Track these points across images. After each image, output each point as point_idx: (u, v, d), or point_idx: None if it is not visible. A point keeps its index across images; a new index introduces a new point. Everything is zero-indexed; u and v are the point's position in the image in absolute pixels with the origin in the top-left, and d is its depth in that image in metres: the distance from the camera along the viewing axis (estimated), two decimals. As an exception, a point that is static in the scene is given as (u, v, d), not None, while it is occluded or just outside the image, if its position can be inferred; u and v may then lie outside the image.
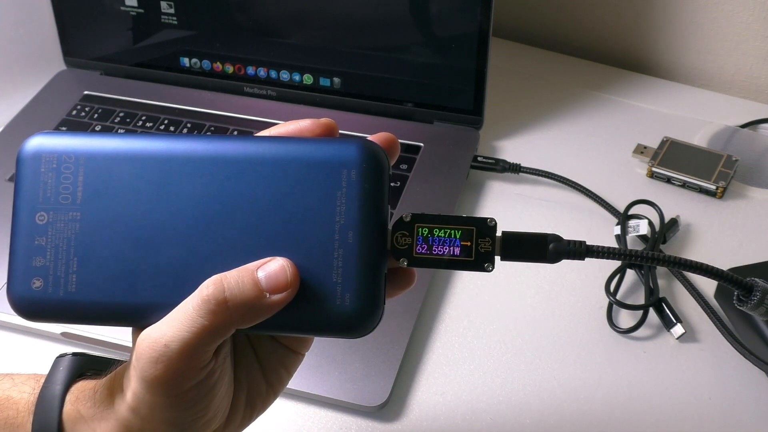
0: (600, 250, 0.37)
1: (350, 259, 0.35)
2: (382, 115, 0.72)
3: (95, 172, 0.36)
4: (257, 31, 0.72)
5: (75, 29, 0.76)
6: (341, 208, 0.35)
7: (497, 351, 0.56)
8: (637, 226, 0.61)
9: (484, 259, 0.36)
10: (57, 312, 0.36)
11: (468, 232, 0.36)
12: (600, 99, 0.77)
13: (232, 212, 0.35)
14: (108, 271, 0.35)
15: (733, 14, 0.76)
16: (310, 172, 0.35)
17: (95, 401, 0.37)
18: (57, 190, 0.36)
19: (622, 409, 0.53)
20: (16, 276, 0.36)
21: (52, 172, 0.36)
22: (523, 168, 0.67)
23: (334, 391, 0.52)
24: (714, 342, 0.56)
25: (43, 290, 0.35)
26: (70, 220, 0.36)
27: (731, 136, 0.72)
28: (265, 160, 0.35)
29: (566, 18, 0.84)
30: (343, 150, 0.35)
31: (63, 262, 0.36)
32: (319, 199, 0.35)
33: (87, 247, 0.35)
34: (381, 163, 0.35)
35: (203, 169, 0.35)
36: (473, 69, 0.68)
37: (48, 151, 0.36)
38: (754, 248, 0.62)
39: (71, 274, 0.35)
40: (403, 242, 0.36)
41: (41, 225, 0.36)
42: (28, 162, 0.36)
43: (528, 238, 0.37)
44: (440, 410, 0.53)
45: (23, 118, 0.73)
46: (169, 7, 0.72)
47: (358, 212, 0.35)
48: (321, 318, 0.35)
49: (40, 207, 0.36)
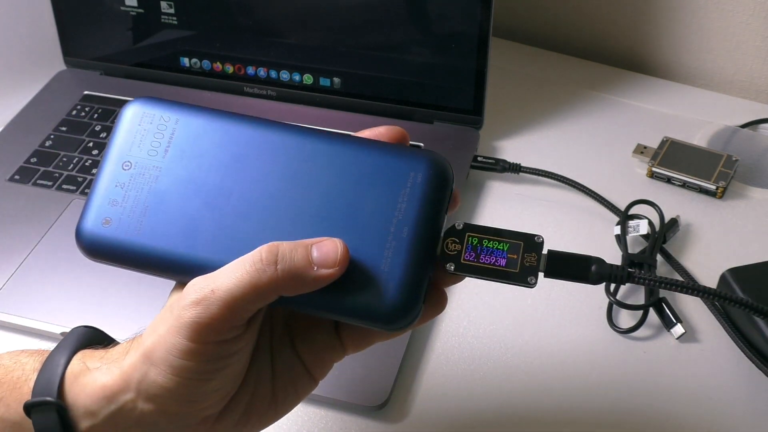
0: (640, 277, 0.39)
1: (401, 252, 0.36)
2: (382, 115, 0.72)
3: (186, 134, 0.39)
4: (257, 31, 0.72)
5: (75, 29, 0.76)
6: (402, 205, 0.37)
7: (497, 351, 0.56)
8: (638, 226, 0.61)
9: (529, 272, 0.38)
10: (118, 252, 0.38)
11: (515, 246, 0.38)
12: (600, 99, 0.77)
13: (301, 193, 0.38)
14: (174, 223, 0.38)
15: (733, 14, 0.76)
16: (380, 168, 0.37)
17: (105, 358, 0.38)
18: (148, 144, 0.39)
19: (622, 409, 0.53)
20: (89, 213, 0.39)
21: (149, 128, 0.39)
22: (523, 168, 0.67)
23: (334, 391, 0.52)
24: (714, 342, 0.56)
25: (110, 229, 0.38)
26: (151, 172, 0.39)
27: (731, 136, 0.72)
28: (341, 151, 0.38)
29: (566, 18, 0.84)
30: (415, 156, 0.38)
31: (135, 207, 0.38)
32: (383, 193, 0.37)
33: (160, 199, 0.38)
34: (446, 175, 0.38)
35: (281, 150, 0.38)
36: (473, 69, 0.68)
37: (150, 109, 0.40)
38: (754, 248, 0.62)
39: (140, 219, 0.38)
40: (452, 248, 0.38)
41: (125, 172, 0.39)
42: (130, 115, 0.40)
43: (572, 257, 0.38)
44: (440, 410, 0.53)
45: (23, 118, 0.73)
46: (169, 7, 0.72)
47: (417, 212, 0.37)
48: (362, 302, 0.36)
49: (128, 156, 0.39)
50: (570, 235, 0.64)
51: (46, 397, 0.37)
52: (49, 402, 0.37)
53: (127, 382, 0.36)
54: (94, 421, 0.37)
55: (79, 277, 0.59)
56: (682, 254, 0.62)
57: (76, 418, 0.37)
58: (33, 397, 0.37)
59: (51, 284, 0.59)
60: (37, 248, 0.61)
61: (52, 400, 0.37)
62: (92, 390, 0.37)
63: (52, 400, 0.37)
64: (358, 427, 0.52)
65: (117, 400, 0.36)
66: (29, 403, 0.37)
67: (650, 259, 0.59)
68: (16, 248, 0.61)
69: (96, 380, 0.37)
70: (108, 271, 0.59)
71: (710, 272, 0.59)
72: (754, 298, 0.53)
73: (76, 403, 0.37)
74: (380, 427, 0.52)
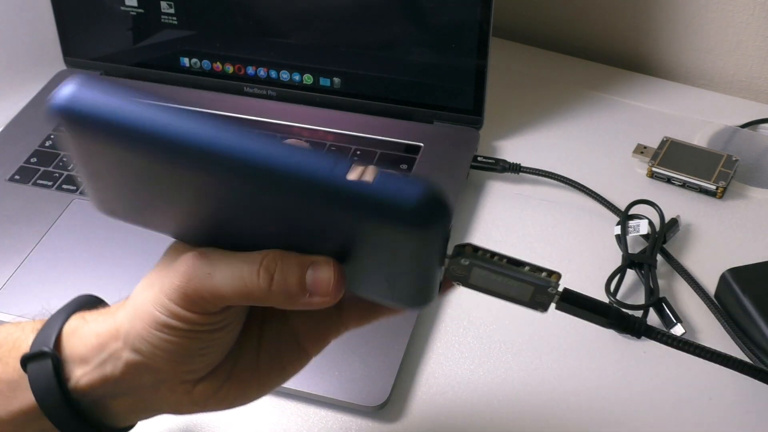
0: (658, 333, 0.38)
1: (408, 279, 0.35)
2: (382, 115, 0.72)
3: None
4: (257, 31, 0.72)
5: (75, 29, 0.76)
6: (393, 263, 0.34)
7: (497, 351, 0.56)
8: (638, 226, 0.61)
9: (539, 304, 0.36)
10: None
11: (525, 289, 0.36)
12: (600, 99, 0.77)
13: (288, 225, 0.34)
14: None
15: (733, 14, 0.76)
16: (366, 215, 0.31)
17: (101, 312, 0.39)
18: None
19: (622, 409, 0.53)
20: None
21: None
22: (523, 168, 0.67)
23: (334, 391, 0.52)
24: (714, 342, 0.56)
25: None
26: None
27: (731, 136, 0.72)
28: (313, 189, 0.31)
29: (566, 18, 0.84)
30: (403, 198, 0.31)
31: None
32: (372, 244, 0.33)
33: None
34: (442, 221, 0.32)
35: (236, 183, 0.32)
36: (473, 69, 0.68)
37: (76, 115, 0.33)
38: (754, 248, 0.62)
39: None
40: (458, 273, 0.36)
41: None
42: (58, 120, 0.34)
43: (589, 304, 0.37)
44: (440, 410, 0.53)
45: (23, 118, 0.73)
46: (169, 7, 0.72)
47: (407, 272, 0.35)
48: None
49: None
50: (569, 236, 0.64)
51: (42, 347, 0.38)
52: (44, 352, 0.38)
53: (117, 330, 0.37)
54: (86, 368, 0.38)
55: (79, 277, 0.59)
56: (682, 254, 0.62)
57: (70, 366, 0.38)
58: (30, 350, 0.38)
59: (51, 284, 0.59)
60: (37, 248, 0.61)
61: (48, 350, 0.38)
62: (87, 339, 0.38)
63: (47, 350, 0.38)
64: (358, 427, 0.52)
65: (107, 347, 0.37)
66: (26, 355, 0.38)
67: (650, 259, 0.59)
68: (16, 248, 0.61)
69: (91, 330, 0.38)
70: (108, 272, 0.59)
71: (710, 272, 0.59)
72: (754, 298, 0.53)
73: (72, 353, 0.38)
74: (380, 427, 0.52)
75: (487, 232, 0.64)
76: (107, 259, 0.60)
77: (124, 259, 0.59)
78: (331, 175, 0.31)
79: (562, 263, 0.61)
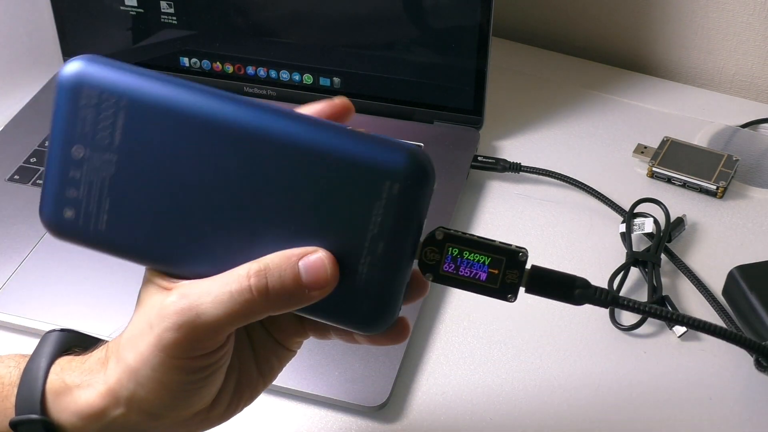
0: (627, 304, 0.37)
1: (376, 267, 0.35)
2: (382, 115, 0.72)
3: (136, 118, 0.35)
4: (257, 31, 0.72)
5: (75, 29, 0.76)
6: (377, 219, 0.34)
7: (497, 351, 0.56)
8: (642, 224, 0.61)
9: (508, 289, 0.36)
10: (85, 242, 0.37)
11: (497, 261, 0.36)
12: (600, 99, 0.76)
13: (268, 191, 0.35)
14: (138, 217, 0.36)
15: (734, 14, 0.76)
16: (353, 172, 0.34)
17: (83, 371, 0.37)
18: (95, 128, 0.35)
19: (623, 409, 0.53)
20: (48, 201, 0.36)
21: (91, 109, 0.35)
22: (523, 167, 0.67)
23: (334, 391, 0.52)
24: (716, 341, 0.56)
25: (74, 221, 0.36)
26: (106, 161, 0.36)
27: (731, 136, 0.71)
28: (311, 147, 0.34)
29: (567, 18, 0.84)
30: (391, 157, 0.34)
31: (96, 199, 0.36)
32: (356, 203, 0.34)
33: (120, 191, 0.36)
34: (426, 179, 0.34)
35: (247, 142, 0.34)
36: (473, 69, 0.68)
37: (89, 85, 0.35)
38: (755, 248, 0.62)
39: (103, 213, 0.36)
40: (431, 258, 0.36)
41: (77, 159, 0.36)
42: (66, 92, 0.35)
43: (556, 277, 0.37)
44: (440, 410, 0.53)
45: (23, 118, 0.73)
46: (169, 7, 0.72)
47: (393, 227, 0.34)
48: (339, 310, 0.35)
49: (77, 140, 0.36)
50: (570, 234, 0.64)
51: (30, 414, 0.36)
52: (34, 420, 0.36)
53: (116, 399, 0.36)
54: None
55: (78, 277, 0.59)
56: (684, 253, 0.62)
57: (65, 430, 0.37)
58: (17, 413, 0.37)
59: (51, 284, 0.59)
60: (37, 248, 0.61)
61: (37, 417, 0.36)
62: (76, 409, 0.36)
63: (36, 417, 0.36)
64: (358, 427, 0.52)
65: (107, 416, 0.36)
66: (15, 420, 0.37)
67: (654, 257, 0.59)
68: (16, 248, 0.61)
69: (80, 398, 0.36)
70: (108, 272, 0.59)
71: (711, 271, 0.59)
72: (760, 296, 0.53)
73: (60, 419, 0.37)
74: (380, 427, 0.52)
75: (487, 231, 0.64)
76: (107, 260, 0.60)
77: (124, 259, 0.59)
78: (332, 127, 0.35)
79: (564, 262, 0.61)
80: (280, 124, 0.35)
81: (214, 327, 0.34)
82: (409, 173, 0.34)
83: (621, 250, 0.61)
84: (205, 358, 0.35)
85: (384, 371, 0.53)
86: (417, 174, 0.34)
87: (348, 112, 0.37)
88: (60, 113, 0.36)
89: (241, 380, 0.39)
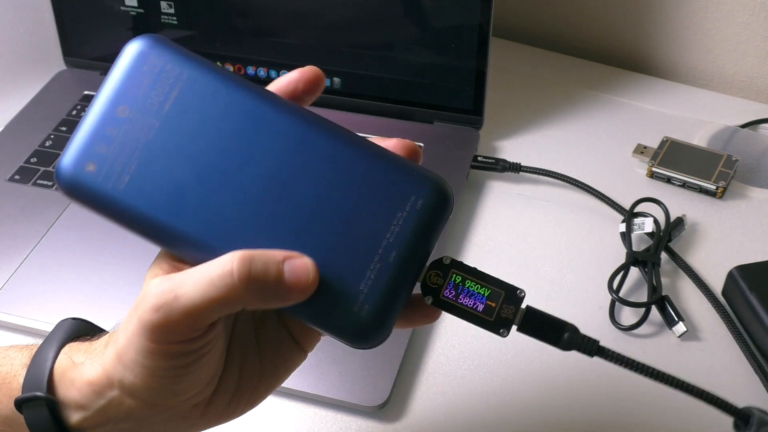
0: (611, 354, 0.38)
1: (384, 275, 0.35)
2: (382, 115, 0.72)
3: (190, 93, 0.37)
4: (257, 31, 0.72)
5: (75, 29, 0.76)
6: (395, 228, 0.36)
7: (497, 351, 0.56)
8: (642, 224, 0.61)
9: (502, 324, 0.37)
10: (96, 202, 0.37)
11: (496, 294, 0.37)
12: (600, 99, 0.77)
13: (297, 186, 0.36)
14: (160, 188, 0.36)
15: (733, 14, 0.76)
16: (381, 184, 0.36)
17: (88, 351, 0.38)
18: (148, 93, 0.37)
19: (623, 408, 0.53)
20: (74, 152, 0.37)
21: (151, 75, 0.37)
22: (523, 167, 0.67)
23: (334, 391, 0.52)
24: (715, 341, 0.56)
25: (93, 176, 0.36)
26: (148, 124, 0.36)
27: (731, 136, 0.72)
28: (350, 153, 0.36)
29: (566, 18, 0.84)
30: (420, 179, 0.36)
31: (124, 159, 0.36)
32: (378, 210, 0.36)
33: (151, 157, 0.36)
34: (448, 203, 0.37)
35: (288, 136, 0.36)
36: (473, 69, 0.68)
37: (156, 54, 0.37)
38: (755, 248, 0.62)
39: (126, 173, 0.36)
40: (434, 281, 0.37)
41: (120, 117, 0.37)
42: (133, 55, 0.37)
43: (548, 320, 0.38)
44: (440, 410, 0.53)
45: (23, 118, 0.73)
46: (169, 7, 0.72)
47: (409, 238, 0.36)
48: (332, 317, 0.35)
49: (126, 101, 0.37)
50: (570, 234, 0.64)
51: (35, 392, 0.37)
52: (39, 397, 0.37)
53: (110, 379, 0.36)
54: (85, 413, 0.37)
55: (79, 277, 0.59)
56: (683, 253, 0.62)
57: (67, 412, 0.37)
58: (23, 392, 0.37)
59: (51, 284, 0.59)
60: (37, 248, 0.61)
61: (42, 395, 0.37)
62: (80, 384, 0.37)
63: (42, 395, 0.37)
64: (358, 427, 0.52)
65: (104, 395, 0.36)
66: (20, 398, 0.37)
67: (654, 257, 0.59)
68: (16, 248, 0.61)
69: (83, 375, 0.37)
70: (108, 271, 0.59)
71: (711, 271, 0.59)
72: (760, 296, 0.53)
73: (66, 397, 0.37)
74: (380, 427, 0.52)
75: (487, 232, 0.64)
76: (107, 260, 0.60)
77: (124, 260, 0.59)
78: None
79: (564, 262, 0.61)
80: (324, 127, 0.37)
81: (192, 311, 0.33)
82: (434, 193, 0.36)
83: (621, 250, 0.61)
84: (185, 344, 0.35)
85: (384, 371, 0.53)
86: (440, 196, 0.36)
87: (318, 80, 0.39)
88: (120, 73, 0.37)
89: (243, 380, 0.39)
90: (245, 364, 0.39)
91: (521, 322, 0.38)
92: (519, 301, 0.37)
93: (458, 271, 0.37)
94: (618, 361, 0.38)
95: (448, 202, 0.37)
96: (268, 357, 0.40)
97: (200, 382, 0.37)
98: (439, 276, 0.37)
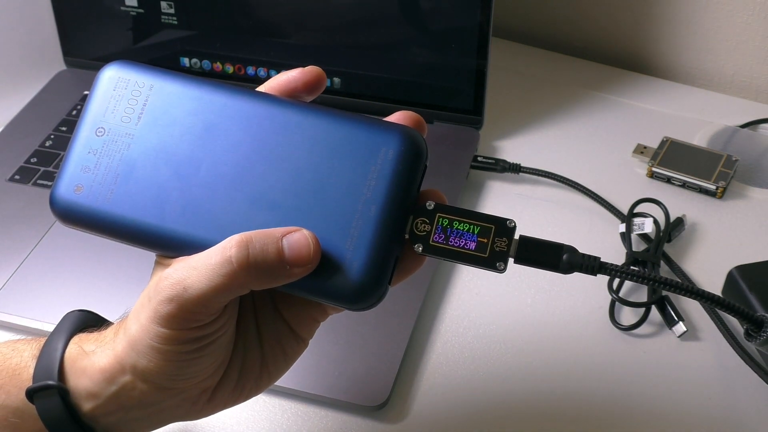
0: (613, 268, 0.37)
1: (367, 231, 0.36)
2: (383, 115, 0.71)
3: (160, 101, 0.39)
4: (257, 31, 0.72)
5: (75, 29, 0.76)
6: (371, 183, 0.36)
7: (497, 351, 0.56)
8: (642, 224, 0.61)
9: (498, 258, 0.37)
10: (88, 220, 0.38)
11: (486, 230, 0.37)
12: (600, 99, 0.77)
13: (270, 165, 0.37)
14: (144, 193, 0.38)
15: (733, 14, 0.76)
16: (350, 143, 0.37)
17: (98, 340, 0.38)
18: (121, 111, 0.39)
19: (623, 409, 0.53)
20: (63, 179, 0.39)
21: (123, 93, 0.39)
22: (523, 168, 0.67)
23: (334, 391, 0.52)
24: (715, 341, 0.56)
25: (82, 196, 0.38)
26: (124, 139, 0.38)
27: (731, 136, 0.72)
28: (313, 122, 0.37)
29: (566, 18, 0.84)
30: (386, 131, 0.37)
31: (107, 174, 0.38)
32: (352, 169, 0.36)
33: (131, 167, 0.38)
34: (419, 150, 0.37)
35: (254, 120, 0.38)
36: (473, 69, 0.68)
37: (125, 74, 0.39)
38: (755, 248, 0.62)
39: (111, 187, 0.38)
40: (421, 229, 0.37)
41: (98, 138, 0.39)
42: (105, 81, 0.39)
43: (544, 244, 0.37)
44: (440, 410, 0.53)
45: (23, 118, 0.73)
46: (169, 7, 0.72)
47: (386, 189, 0.36)
48: (326, 283, 0.36)
49: (102, 122, 0.39)
50: (570, 235, 0.64)
51: (47, 381, 0.37)
52: (50, 386, 0.37)
53: (122, 365, 0.37)
54: (97, 401, 0.37)
55: (79, 276, 0.59)
56: (683, 253, 0.62)
57: (79, 400, 0.38)
58: (34, 382, 0.38)
59: (51, 284, 0.59)
60: (37, 248, 0.61)
61: (54, 383, 0.37)
62: (92, 372, 0.37)
63: (53, 383, 0.37)
64: (358, 427, 0.52)
65: (116, 381, 0.37)
66: (31, 388, 0.37)
67: (654, 257, 0.59)
68: (16, 248, 0.61)
69: (94, 363, 0.37)
70: (108, 272, 0.59)
71: (711, 271, 0.59)
72: (760, 295, 0.53)
73: (78, 386, 0.38)
74: (380, 427, 0.52)
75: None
76: (107, 259, 0.60)
77: (124, 260, 0.59)
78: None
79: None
80: (283, 105, 0.38)
81: (201, 300, 0.34)
82: (404, 141, 0.36)
83: (621, 250, 0.61)
84: (200, 329, 0.35)
85: (384, 371, 0.53)
86: (411, 143, 0.36)
87: (319, 81, 0.40)
88: (94, 99, 0.39)
89: (245, 369, 0.39)
90: (248, 353, 0.40)
91: (517, 252, 0.37)
92: (511, 232, 0.37)
93: (444, 214, 0.37)
94: (621, 274, 0.37)
95: (420, 148, 0.36)
96: (269, 345, 0.40)
97: (211, 366, 0.38)
98: (426, 222, 0.37)
